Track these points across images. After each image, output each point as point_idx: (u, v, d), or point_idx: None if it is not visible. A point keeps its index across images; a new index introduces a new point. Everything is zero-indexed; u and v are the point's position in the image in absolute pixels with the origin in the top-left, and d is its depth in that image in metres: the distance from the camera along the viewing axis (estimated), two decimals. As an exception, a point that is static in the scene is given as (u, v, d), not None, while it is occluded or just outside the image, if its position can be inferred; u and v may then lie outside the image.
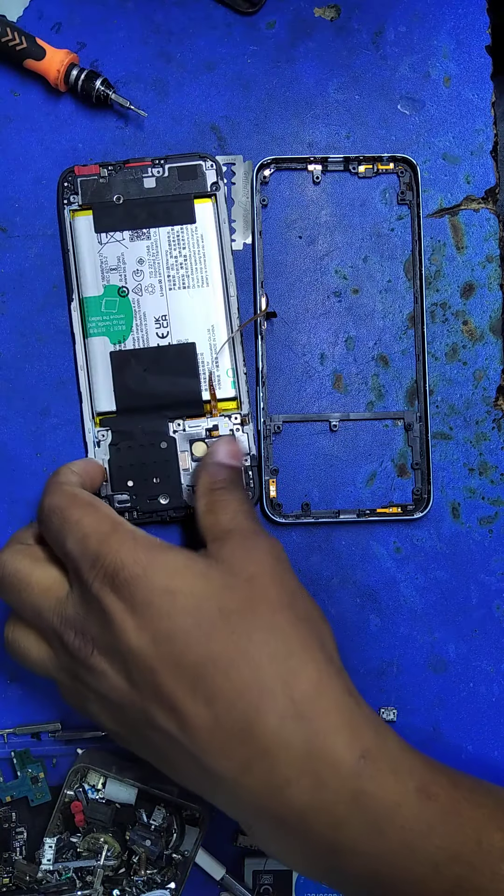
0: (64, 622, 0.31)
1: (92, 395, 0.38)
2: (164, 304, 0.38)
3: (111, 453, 0.38)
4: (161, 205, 0.38)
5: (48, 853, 0.37)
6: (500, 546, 0.39)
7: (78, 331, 0.39)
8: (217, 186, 0.38)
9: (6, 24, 0.38)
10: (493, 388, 0.39)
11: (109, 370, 0.38)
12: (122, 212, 0.38)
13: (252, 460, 0.38)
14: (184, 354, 0.38)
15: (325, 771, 0.28)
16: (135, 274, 0.38)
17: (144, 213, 0.38)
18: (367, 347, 0.39)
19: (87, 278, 0.38)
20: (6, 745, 0.38)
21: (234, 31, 0.40)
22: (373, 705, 0.38)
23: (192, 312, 0.38)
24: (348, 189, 0.40)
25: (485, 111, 0.40)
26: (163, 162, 0.38)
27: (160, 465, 0.38)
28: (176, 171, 0.38)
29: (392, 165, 0.39)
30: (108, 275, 0.38)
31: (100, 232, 0.38)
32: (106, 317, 0.38)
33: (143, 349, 0.38)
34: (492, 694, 0.39)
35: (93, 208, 0.38)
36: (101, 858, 0.37)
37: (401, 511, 0.39)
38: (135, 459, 0.38)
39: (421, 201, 0.39)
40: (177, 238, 0.38)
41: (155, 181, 0.38)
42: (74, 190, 0.38)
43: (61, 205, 0.39)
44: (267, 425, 0.39)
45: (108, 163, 0.38)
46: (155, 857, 0.36)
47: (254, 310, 0.39)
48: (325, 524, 0.39)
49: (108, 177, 0.38)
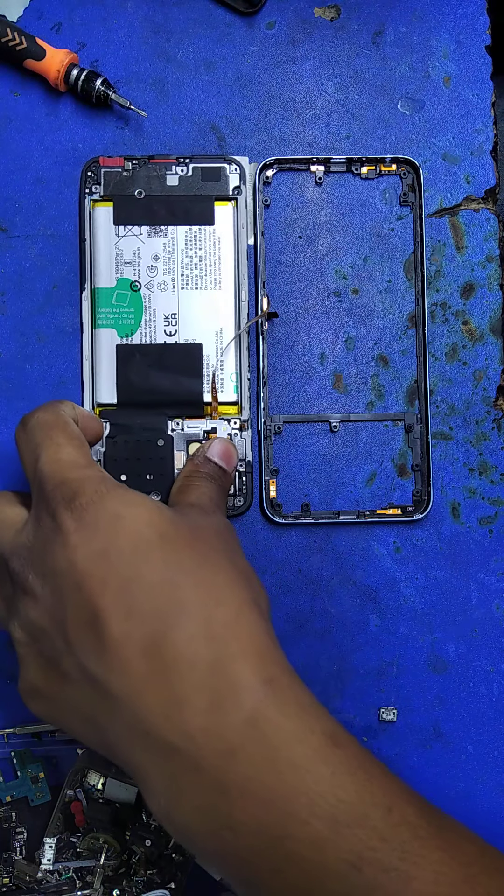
0: (13, 548, 0.30)
1: (94, 385, 0.38)
2: (175, 302, 0.38)
3: (107, 445, 0.38)
4: (182, 203, 0.38)
5: (48, 853, 0.37)
6: (500, 546, 0.39)
7: (87, 320, 0.39)
8: (239, 191, 0.39)
9: (6, 24, 0.38)
10: (493, 388, 0.39)
11: (114, 362, 0.38)
12: (142, 207, 0.38)
13: (247, 466, 0.38)
14: (189, 354, 0.38)
15: (224, 690, 0.26)
16: (149, 269, 0.38)
17: (164, 210, 0.38)
18: (367, 347, 0.39)
19: (101, 269, 0.38)
20: (6, 745, 0.38)
21: (234, 31, 0.40)
22: (373, 705, 0.38)
23: (201, 313, 0.38)
24: (348, 189, 0.40)
25: (485, 111, 0.40)
26: (188, 161, 0.39)
27: (155, 462, 0.38)
28: (200, 172, 0.39)
29: (395, 167, 0.39)
30: (123, 268, 0.38)
31: (118, 224, 0.38)
32: (116, 309, 0.38)
33: (150, 345, 0.38)
34: (492, 694, 0.39)
35: (113, 200, 0.38)
36: (101, 858, 0.37)
37: (401, 512, 0.39)
38: (130, 454, 0.38)
39: (423, 202, 0.39)
40: (194, 238, 0.38)
41: (178, 179, 0.39)
42: (97, 180, 0.39)
43: (83, 194, 0.39)
44: (267, 425, 0.39)
45: (132, 156, 0.39)
46: (155, 857, 0.37)
47: (256, 310, 0.39)
48: (325, 525, 0.39)
49: (132, 170, 0.39)
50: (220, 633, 0.27)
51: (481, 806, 0.38)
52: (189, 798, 0.26)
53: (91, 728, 0.29)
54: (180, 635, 0.27)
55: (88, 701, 0.28)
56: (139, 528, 0.29)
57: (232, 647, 0.27)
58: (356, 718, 0.38)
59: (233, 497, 0.38)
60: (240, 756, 0.26)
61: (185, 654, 0.27)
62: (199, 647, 0.27)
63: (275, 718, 0.26)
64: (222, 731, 0.26)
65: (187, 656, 0.27)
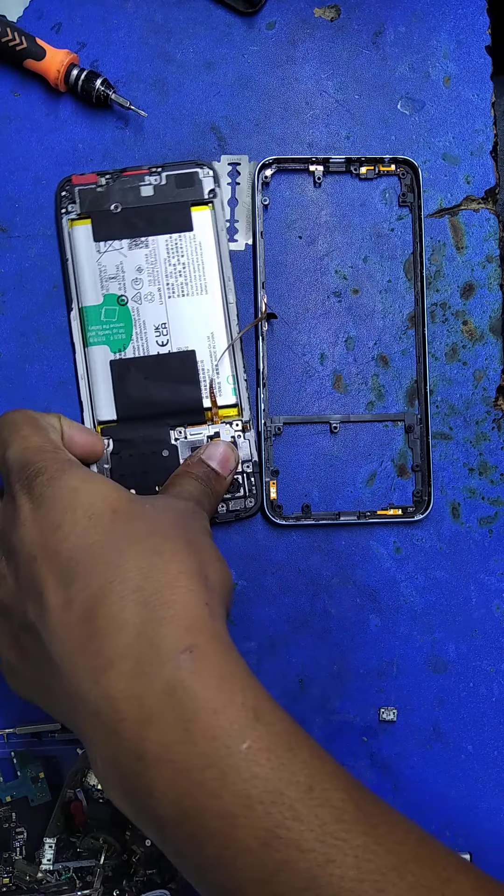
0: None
1: (93, 403, 0.38)
2: (164, 311, 0.38)
3: (113, 462, 0.38)
4: (158, 213, 0.38)
5: (48, 853, 0.37)
6: (499, 546, 0.39)
7: (78, 340, 0.39)
8: (214, 194, 0.38)
9: (6, 24, 0.38)
10: (493, 388, 0.39)
11: (110, 379, 0.38)
12: (120, 220, 0.38)
13: (253, 466, 0.38)
14: (184, 362, 0.38)
15: (146, 656, 0.26)
16: (134, 282, 0.38)
17: (142, 222, 0.38)
18: (367, 347, 0.39)
19: (87, 287, 0.38)
20: (6, 745, 0.38)
21: (234, 31, 0.40)
22: (373, 705, 0.38)
23: (191, 320, 0.38)
24: (348, 189, 0.40)
25: (485, 111, 0.40)
26: (160, 170, 0.38)
27: (162, 473, 0.38)
28: (173, 179, 0.38)
29: (393, 167, 0.39)
30: (108, 283, 0.38)
31: (98, 241, 0.38)
32: (106, 326, 0.38)
33: (143, 357, 0.38)
34: (492, 694, 0.39)
35: (91, 217, 0.38)
36: (101, 858, 0.37)
37: (401, 513, 0.39)
38: (137, 468, 0.38)
39: (422, 202, 0.39)
40: (175, 246, 0.38)
41: (152, 189, 0.38)
42: (72, 199, 0.38)
43: (59, 214, 0.39)
44: (268, 427, 0.39)
45: (105, 171, 0.38)
46: (155, 857, 0.37)
47: (254, 311, 0.39)
48: (326, 526, 0.39)
49: (106, 185, 0.38)
50: (151, 599, 0.27)
51: (481, 806, 0.38)
52: (113, 764, 0.26)
53: (52, 699, 0.30)
54: (114, 600, 0.27)
55: (46, 671, 0.29)
56: (93, 500, 0.29)
57: (160, 612, 0.27)
58: (356, 718, 0.38)
59: (243, 499, 0.38)
60: (156, 723, 0.25)
61: (116, 618, 0.27)
62: (129, 611, 0.27)
63: (192, 687, 0.26)
64: (142, 697, 0.26)
65: (118, 621, 0.27)
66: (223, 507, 0.38)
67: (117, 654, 0.26)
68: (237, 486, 0.38)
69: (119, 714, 0.26)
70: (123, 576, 0.27)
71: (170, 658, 0.26)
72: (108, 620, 0.27)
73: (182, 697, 0.25)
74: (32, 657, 0.30)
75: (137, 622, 0.27)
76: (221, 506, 0.38)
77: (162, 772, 0.25)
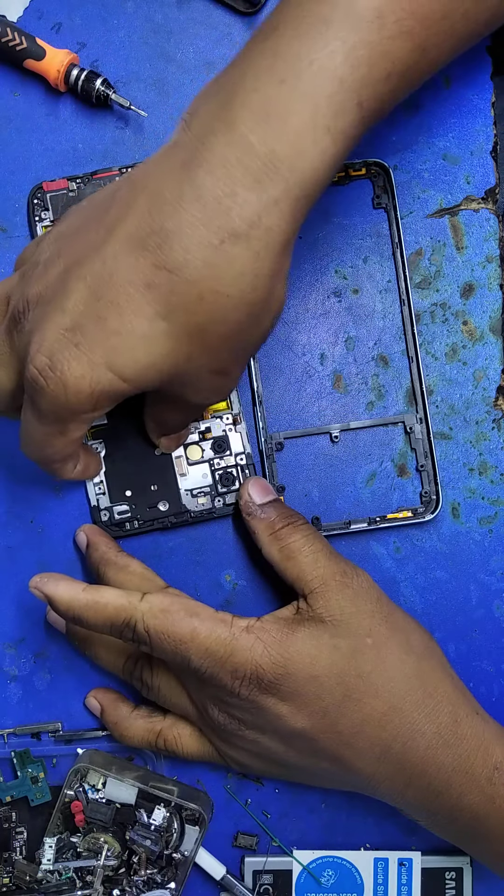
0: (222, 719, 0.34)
1: None
2: None
3: (106, 465, 0.38)
4: None
5: (48, 853, 0.37)
6: (499, 546, 0.39)
7: None
8: None
9: (6, 24, 0.38)
10: (492, 388, 0.39)
11: None
12: None
13: (247, 458, 0.38)
14: None
15: (467, 773, 0.33)
16: None
17: None
18: (367, 347, 0.39)
19: None
20: (6, 745, 0.38)
21: (234, 31, 0.40)
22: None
23: None
24: (348, 189, 0.40)
25: (485, 111, 0.40)
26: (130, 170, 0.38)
27: (156, 472, 0.38)
28: None
29: (364, 171, 0.39)
30: None
31: None
32: None
33: None
34: (492, 694, 0.39)
35: None
36: (101, 858, 0.37)
37: (411, 515, 0.39)
38: (131, 469, 0.38)
39: (398, 204, 0.39)
40: None
41: None
42: (45, 206, 0.38)
43: (32, 222, 0.38)
44: (268, 444, 0.39)
45: (76, 176, 0.38)
46: (155, 857, 0.37)
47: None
48: (336, 535, 0.39)
49: (78, 190, 0.38)
50: (451, 739, 0.34)
51: (481, 806, 0.38)
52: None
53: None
54: (420, 741, 0.34)
55: (356, 786, 0.36)
56: (339, 680, 0.33)
57: (465, 746, 0.34)
58: (356, 718, 0.38)
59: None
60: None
61: (432, 759, 0.34)
62: (442, 754, 0.34)
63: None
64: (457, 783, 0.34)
65: (435, 761, 0.34)
66: (220, 502, 0.38)
67: (440, 781, 0.34)
68: (232, 479, 0.38)
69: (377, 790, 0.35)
70: (416, 727, 0.34)
71: (483, 773, 0.34)
72: (423, 762, 0.34)
73: (500, 804, 0.34)
74: (329, 780, 0.36)
75: (452, 757, 0.34)
76: (219, 500, 0.38)
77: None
